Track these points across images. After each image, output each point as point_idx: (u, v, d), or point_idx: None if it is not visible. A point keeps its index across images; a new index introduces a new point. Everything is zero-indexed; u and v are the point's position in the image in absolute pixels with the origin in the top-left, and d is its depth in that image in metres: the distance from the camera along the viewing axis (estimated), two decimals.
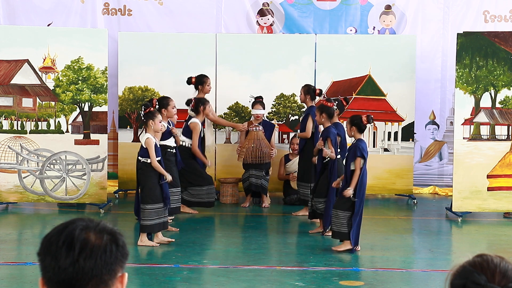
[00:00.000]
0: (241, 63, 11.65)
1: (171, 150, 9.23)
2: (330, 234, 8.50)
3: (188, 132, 10.37)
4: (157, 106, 8.92)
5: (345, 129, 8.72)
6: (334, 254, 8.07)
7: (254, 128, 10.96)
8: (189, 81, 10.81)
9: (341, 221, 8.09)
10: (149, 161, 8.24)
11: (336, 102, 9.30)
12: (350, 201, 8.02)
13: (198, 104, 10.38)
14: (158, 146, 8.39)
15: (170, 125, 9.36)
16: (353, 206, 8.03)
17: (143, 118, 8.45)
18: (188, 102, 10.49)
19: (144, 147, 8.26)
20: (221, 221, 10.55)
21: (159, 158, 8.31)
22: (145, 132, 8.40)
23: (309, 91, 10.26)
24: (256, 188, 11.01)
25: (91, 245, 1.98)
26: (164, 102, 9.19)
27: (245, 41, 11.92)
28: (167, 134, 9.13)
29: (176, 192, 9.32)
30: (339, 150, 8.92)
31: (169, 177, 8.33)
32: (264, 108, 11.18)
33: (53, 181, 10.63)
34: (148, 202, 8.27)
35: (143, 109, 8.38)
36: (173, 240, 8.54)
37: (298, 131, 10.82)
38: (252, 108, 11.18)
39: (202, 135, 10.50)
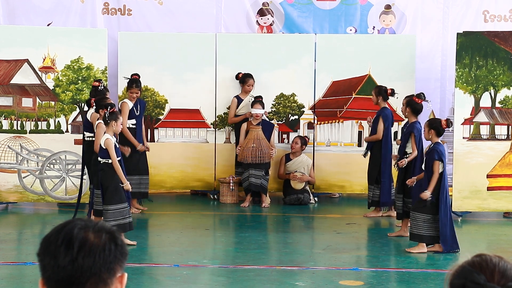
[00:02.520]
0: (241, 63, 11.63)
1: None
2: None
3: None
4: (94, 106, 8.87)
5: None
6: (336, 254, 8.07)
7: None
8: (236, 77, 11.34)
9: (418, 223, 8.05)
10: (110, 161, 8.19)
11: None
12: (428, 203, 8.00)
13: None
14: (117, 146, 8.34)
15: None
16: (432, 209, 8.00)
17: (107, 119, 8.32)
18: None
19: (104, 147, 8.19)
20: (220, 221, 10.55)
21: (119, 158, 8.28)
22: (104, 132, 8.32)
23: (380, 92, 10.21)
24: (255, 188, 11.01)
25: (90, 243, 1.99)
26: (102, 103, 9.09)
27: (245, 41, 11.91)
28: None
29: None
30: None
31: (127, 186, 8.20)
32: (263, 108, 11.19)
33: (53, 181, 10.63)
34: (112, 202, 8.19)
35: (108, 109, 8.26)
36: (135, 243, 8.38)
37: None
38: (252, 108, 11.19)
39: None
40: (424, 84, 12.40)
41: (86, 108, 9.81)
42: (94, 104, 8.98)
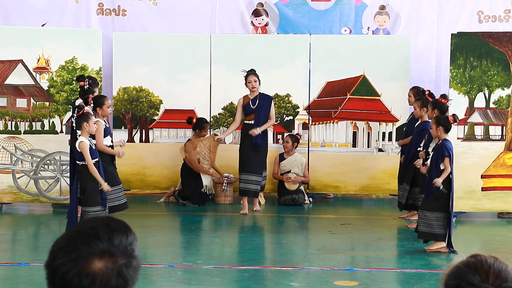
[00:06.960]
0: (235, 63, 11.61)
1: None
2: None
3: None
4: (92, 105, 8.83)
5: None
6: (330, 254, 8.08)
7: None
8: (189, 121, 11.38)
9: (429, 222, 8.06)
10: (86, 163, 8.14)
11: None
12: (437, 202, 8.00)
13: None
14: (94, 147, 8.30)
15: (107, 124, 9.21)
16: (441, 207, 8.01)
17: (74, 121, 8.25)
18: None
19: (79, 151, 8.15)
20: (215, 221, 10.55)
21: (96, 159, 8.25)
22: (80, 135, 8.26)
23: (418, 93, 9.89)
24: (248, 194, 10.92)
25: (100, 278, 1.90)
26: (100, 101, 9.03)
27: (239, 42, 11.91)
28: (104, 133, 8.97)
29: (118, 189, 9.09)
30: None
31: (106, 187, 8.16)
32: (259, 79, 10.61)
33: (47, 182, 10.61)
34: (90, 204, 8.15)
35: (77, 111, 8.21)
36: None
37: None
38: (246, 80, 10.60)
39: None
40: (418, 84, 12.37)
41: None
42: (92, 103, 8.92)
